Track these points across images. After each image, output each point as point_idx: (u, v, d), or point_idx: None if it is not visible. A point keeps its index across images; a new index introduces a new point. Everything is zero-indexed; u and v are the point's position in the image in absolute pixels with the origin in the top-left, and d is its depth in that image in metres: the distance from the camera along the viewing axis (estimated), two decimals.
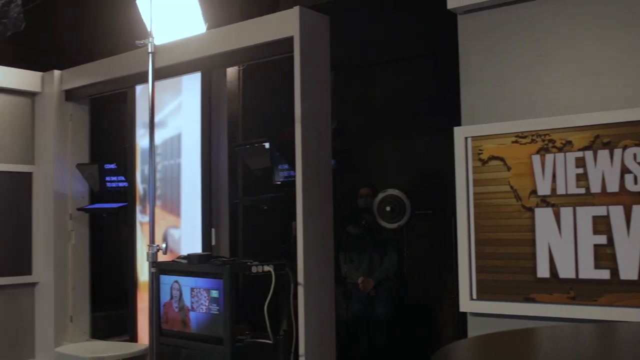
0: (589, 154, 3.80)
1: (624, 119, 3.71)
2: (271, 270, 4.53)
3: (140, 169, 6.13)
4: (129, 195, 6.24)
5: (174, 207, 5.76)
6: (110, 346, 5.93)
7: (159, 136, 5.79)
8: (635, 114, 3.68)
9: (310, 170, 4.73)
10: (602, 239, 3.74)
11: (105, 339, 6.55)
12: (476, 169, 4.15)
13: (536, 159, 3.95)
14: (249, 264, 4.55)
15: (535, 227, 3.94)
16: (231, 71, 6.70)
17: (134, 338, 6.04)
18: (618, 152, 3.72)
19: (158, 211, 5.71)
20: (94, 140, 6.98)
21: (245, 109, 7.05)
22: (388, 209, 6.02)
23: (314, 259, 4.70)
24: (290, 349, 4.62)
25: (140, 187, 6.14)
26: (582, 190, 3.81)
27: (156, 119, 4.42)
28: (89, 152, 6.90)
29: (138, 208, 6.13)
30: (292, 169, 5.01)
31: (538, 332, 2.77)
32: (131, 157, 6.22)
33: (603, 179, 3.76)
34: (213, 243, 5.47)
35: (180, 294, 4.73)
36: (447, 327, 6.38)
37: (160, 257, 4.04)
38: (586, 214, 3.79)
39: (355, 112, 6.76)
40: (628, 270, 3.66)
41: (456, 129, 4.25)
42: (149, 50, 3.98)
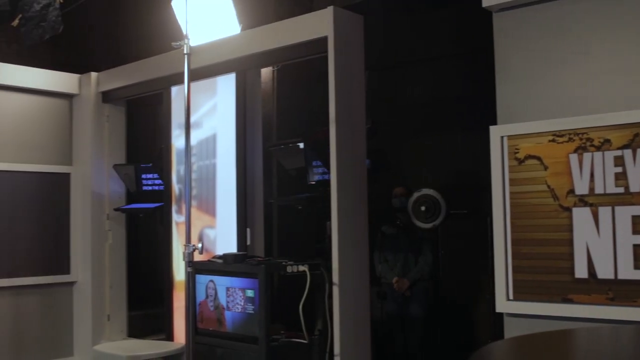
0: (627, 153, 3.74)
1: None
2: (306, 270, 4.53)
3: (176, 169, 6.18)
4: (164, 196, 6.28)
5: (210, 207, 5.80)
6: (147, 345, 5.98)
7: (195, 137, 5.83)
8: None
9: (344, 170, 4.72)
10: None
11: (141, 338, 6.61)
12: (512, 168, 4.12)
13: (574, 158, 3.90)
14: (284, 263, 4.56)
15: (573, 227, 3.89)
16: (265, 71, 6.73)
17: (170, 337, 6.09)
18: None
19: (194, 211, 5.74)
20: (130, 141, 7.05)
21: (280, 109, 7.07)
22: (423, 208, 5.99)
23: (349, 258, 4.70)
24: (325, 348, 4.62)
25: (175, 188, 6.19)
26: (621, 190, 3.75)
27: (192, 119, 4.45)
28: (126, 153, 6.97)
29: (174, 208, 6.18)
30: (327, 168, 5.01)
31: (576, 334, 2.74)
32: (167, 158, 6.27)
33: None
34: (248, 243, 5.49)
35: (216, 293, 4.76)
36: (483, 328, 6.33)
37: (196, 257, 4.07)
38: (625, 214, 3.73)
39: (389, 112, 6.74)
40: None
41: (492, 128, 4.21)
42: (185, 52, 4.01)
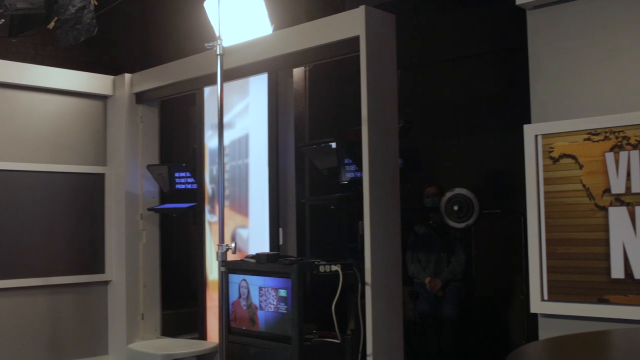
0: None
1: None
2: (339, 269, 4.53)
3: (209, 169, 6.22)
4: (197, 196, 6.33)
5: (242, 207, 5.83)
6: (181, 344, 6.02)
7: (227, 137, 5.86)
8: None
9: (377, 169, 4.71)
10: None
11: (175, 337, 6.66)
12: (547, 167, 4.08)
13: (610, 156, 3.86)
14: (316, 263, 4.56)
15: (609, 227, 3.85)
16: (297, 71, 6.74)
17: (203, 336, 6.13)
18: None
19: (226, 211, 5.77)
20: (163, 142, 7.11)
21: (312, 109, 7.08)
22: (456, 208, 5.95)
23: (382, 258, 4.69)
24: (358, 348, 4.62)
25: (208, 188, 6.22)
26: None
27: (224, 120, 4.47)
28: (159, 154, 7.03)
29: (207, 208, 6.21)
30: (359, 168, 5.00)
31: (613, 335, 2.70)
32: (200, 158, 6.30)
33: None
34: (280, 242, 5.50)
35: (248, 292, 4.78)
36: (517, 329, 6.28)
37: (229, 257, 4.09)
38: None
39: (422, 110, 6.72)
40: None
41: (526, 127, 4.18)
42: (218, 53, 4.03)
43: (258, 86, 5.74)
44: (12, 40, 6.77)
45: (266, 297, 4.66)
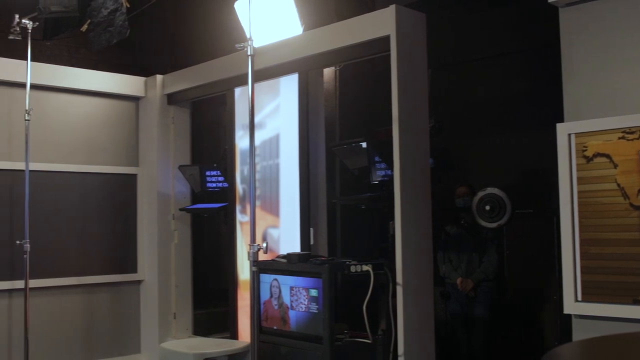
0: None
1: None
2: (370, 269, 4.52)
3: (240, 169, 6.25)
4: (228, 196, 6.36)
5: (273, 207, 5.84)
6: (213, 343, 6.06)
7: (258, 137, 5.87)
8: None
9: (408, 169, 4.70)
10: None
11: (207, 336, 6.70)
12: (580, 167, 4.03)
13: None
14: (347, 263, 4.56)
15: None
16: (328, 71, 6.73)
17: (234, 335, 6.16)
18: None
19: (257, 211, 5.79)
20: (194, 142, 7.15)
21: (342, 109, 7.07)
22: (487, 207, 5.91)
23: (413, 258, 4.67)
24: (389, 348, 4.61)
25: (239, 188, 6.25)
26: None
27: (255, 120, 4.48)
28: (191, 154, 7.07)
29: (238, 208, 6.24)
30: (390, 168, 4.99)
31: None
32: (231, 158, 6.34)
33: None
34: (311, 242, 5.51)
35: (280, 292, 4.79)
36: (549, 330, 6.21)
37: (260, 256, 4.10)
38: None
39: (453, 110, 6.68)
40: None
41: (559, 126, 4.14)
42: (249, 53, 4.04)
43: (289, 86, 5.75)
44: (47, 43, 6.86)
45: (297, 297, 4.67)
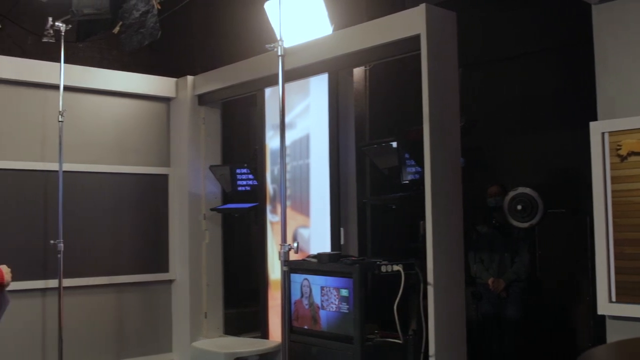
0: None
1: None
2: (400, 269, 4.51)
3: (270, 169, 6.26)
4: (259, 196, 6.37)
5: (303, 207, 5.85)
6: (243, 342, 6.08)
7: (288, 137, 5.88)
8: None
9: (438, 168, 4.67)
10: None
11: (237, 335, 6.72)
12: (614, 166, 3.98)
13: None
14: (378, 263, 4.55)
15: None
16: (358, 71, 6.73)
17: (265, 335, 6.17)
18: None
19: (288, 211, 5.80)
20: (225, 143, 7.19)
21: (372, 109, 7.06)
22: (519, 207, 5.86)
23: (444, 258, 4.64)
24: (420, 349, 4.59)
25: (270, 188, 6.26)
26: None
27: (285, 120, 4.49)
28: (221, 154, 7.11)
29: (268, 208, 6.26)
30: (420, 167, 4.97)
31: None
32: (261, 159, 6.35)
33: None
34: (342, 242, 5.51)
35: (310, 291, 4.80)
36: (582, 331, 6.15)
37: (291, 256, 4.11)
38: None
39: (485, 109, 6.64)
40: None
41: (592, 124, 4.09)
42: (279, 54, 4.05)
43: (318, 86, 5.75)
44: (79, 45, 6.93)
45: (328, 297, 4.67)
